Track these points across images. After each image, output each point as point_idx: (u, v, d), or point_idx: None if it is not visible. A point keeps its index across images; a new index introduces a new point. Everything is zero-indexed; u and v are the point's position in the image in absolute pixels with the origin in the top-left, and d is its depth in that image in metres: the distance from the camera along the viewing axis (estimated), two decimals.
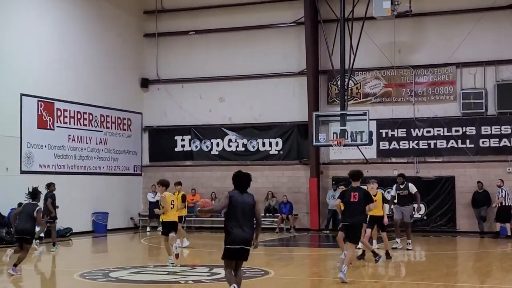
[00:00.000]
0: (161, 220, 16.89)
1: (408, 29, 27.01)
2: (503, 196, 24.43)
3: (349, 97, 26.47)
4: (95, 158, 27.47)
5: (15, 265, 15.16)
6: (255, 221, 10.92)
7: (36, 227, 16.37)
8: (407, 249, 20.00)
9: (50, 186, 20.94)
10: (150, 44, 30.47)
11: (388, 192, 24.99)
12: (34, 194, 15.76)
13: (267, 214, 27.81)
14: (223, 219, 10.83)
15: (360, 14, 24.83)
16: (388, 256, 17.85)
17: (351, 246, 14.14)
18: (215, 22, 29.48)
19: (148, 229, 27.98)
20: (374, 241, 18.99)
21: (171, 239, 16.43)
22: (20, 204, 17.02)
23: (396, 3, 23.58)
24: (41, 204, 16.60)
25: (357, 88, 27.62)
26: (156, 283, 14.19)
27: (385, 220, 18.44)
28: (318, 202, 27.24)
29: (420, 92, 26.91)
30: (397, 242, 20.33)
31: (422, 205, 24.36)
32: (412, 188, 20.58)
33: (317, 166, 27.71)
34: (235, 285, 10.68)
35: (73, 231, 25.03)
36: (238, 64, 29.07)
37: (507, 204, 24.49)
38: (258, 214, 10.94)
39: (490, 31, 26.08)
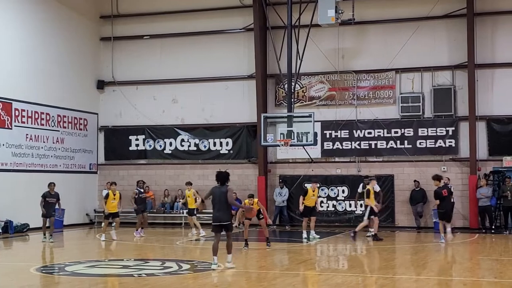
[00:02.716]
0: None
1: (351, 36, 27.22)
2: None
3: (295, 100, 26.59)
4: (52, 156, 27.06)
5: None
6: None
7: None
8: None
9: (49, 185, 22.01)
10: (106, 48, 30.13)
11: (331, 189, 26.46)
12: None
13: None
14: (176, 215, 11.65)
15: (306, 22, 24.94)
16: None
17: (448, 224, 20.02)
18: (169, 27, 29.30)
19: (102, 224, 27.61)
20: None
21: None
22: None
23: (340, 11, 23.72)
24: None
25: (303, 91, 27.74)
26: (110, 277, 14.01)
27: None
28: (266, 199, 27.24)
29: (362, 96, 27.15)
30: (370, 231, 22.20)
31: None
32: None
33: (265, 165, 27.74)
34: (215, 257, 14.25)
35: (30, 227, 24.58)
36: (191, 67, 28.93)
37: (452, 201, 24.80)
38: (228, 197, 14.25)
39: (427, 39, 26.46)
